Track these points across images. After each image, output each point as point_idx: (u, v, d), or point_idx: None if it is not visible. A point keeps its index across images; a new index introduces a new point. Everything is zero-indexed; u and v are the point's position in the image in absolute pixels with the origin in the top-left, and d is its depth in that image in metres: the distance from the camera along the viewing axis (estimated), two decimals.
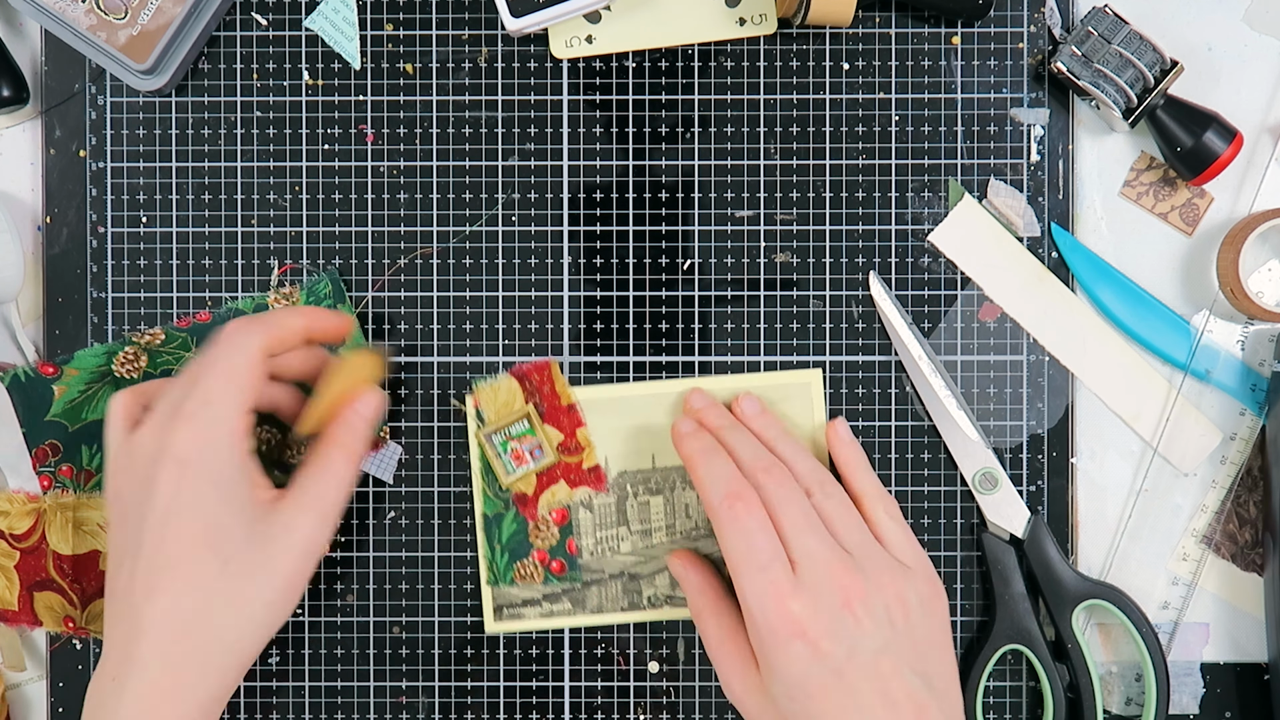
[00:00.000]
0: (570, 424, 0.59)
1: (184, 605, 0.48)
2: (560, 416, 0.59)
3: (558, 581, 0.59)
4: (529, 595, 0.59)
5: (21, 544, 0.59)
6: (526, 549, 0.59)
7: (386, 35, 0.60)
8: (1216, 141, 0.56)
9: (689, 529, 0.59)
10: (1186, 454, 0.60)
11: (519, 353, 0.60)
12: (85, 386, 0.59)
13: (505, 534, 0.59)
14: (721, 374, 0.59)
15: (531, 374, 0.59)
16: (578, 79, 0.60)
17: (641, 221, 0.60)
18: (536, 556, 0.59)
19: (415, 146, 0.60)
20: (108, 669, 0.49)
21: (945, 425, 0.59)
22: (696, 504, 0.59)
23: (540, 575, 0.59)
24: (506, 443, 0.58)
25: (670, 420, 0.59)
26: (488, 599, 0.59)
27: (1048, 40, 0.59)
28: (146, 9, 0.56)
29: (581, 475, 0.59)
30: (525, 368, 0.59)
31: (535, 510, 0.59)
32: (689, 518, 0.59)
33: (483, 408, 0.59)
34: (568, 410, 0.59)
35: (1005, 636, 0.59)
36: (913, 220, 0.60)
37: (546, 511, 0.59)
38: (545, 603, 0.59)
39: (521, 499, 0.59)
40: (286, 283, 0.60)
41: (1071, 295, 0.60)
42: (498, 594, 0.59)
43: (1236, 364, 0.60)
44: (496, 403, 0.59)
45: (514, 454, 0.58)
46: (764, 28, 0.59)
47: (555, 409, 0.59)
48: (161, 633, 0.48)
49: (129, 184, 0.60)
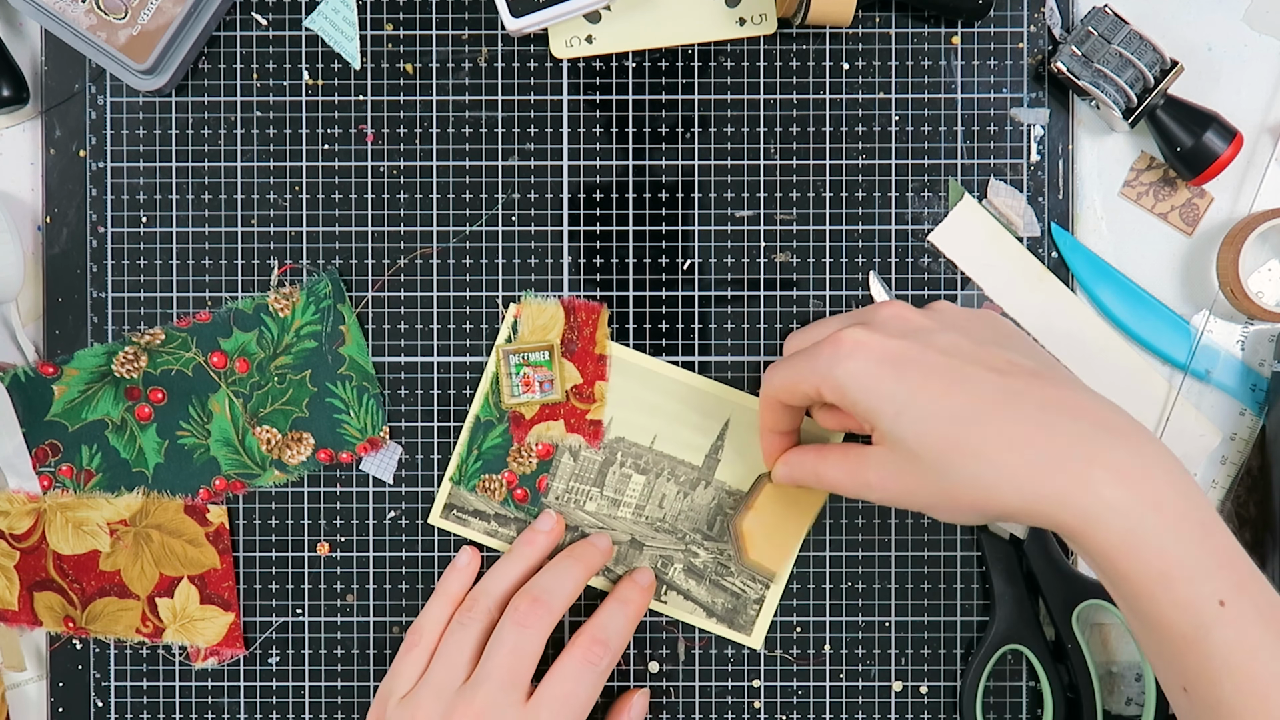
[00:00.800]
0: (594, 373, 0.59)
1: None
2: (588, 361, 0.59)
3: (515, 508, 0.59)
4: (482, 508, 0.59)
5: (21, 544, 0.59)
6: (501, 466, 0.59)
7: (386, 35, 0.60)
8: (1216, 141, 0.56)
9: (656, 518, 0.59)
10: (1186, 454, 0.60)
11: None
12: (85, 386, 0.59)
13: (487, 443, 0.59)
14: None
15: (580, 310, 0.59)
16: (578, 79, 0.60)
17: (641, 221, 0.60)
18: (506, 477, 0.59)
19: (415, 146, 0.60)
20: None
21: None
22: (674, 498, 0.59)
23: (501, 494, 0.59)
24: (521, 366, 0.58)
25: (686, 413, 0.59)
26: (443, 494, 0.59)
27: (1048, 40, 0.59)
28: (146, 9, 0.56)
29: (582, 424, 0.59)
30: (577, 302, 0.59)
31: (525, 435, 0.59)
32: (660, 508, 0.59)
33: (522, 321, 0.59)
34: (597, 359, 0.59)
35: (1005, 636, 0.59)
36: (913, 220, 0.60)
37: (535, 441, 0.59)
38: (494, 522, 0.59)
39: (517, 419, 0.59)
40: (286, 283, 0.60)
41: (1071, 295, 0.59)
42: (454, 493, 0.59)
43: (1236, 364, 0.60)
44: (535, 322, 0.59)
45: (524, 379, 0.59)
46: (764, 28, 0.59)
47: (587, 353, 0.59)
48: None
49: (129, 184, 0.60)
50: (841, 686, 0.60)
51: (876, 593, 0.60)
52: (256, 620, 0.60)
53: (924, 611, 0.60)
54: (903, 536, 0.60)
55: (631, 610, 0.57)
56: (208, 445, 0.59)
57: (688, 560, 0.59)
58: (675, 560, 0.59)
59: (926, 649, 0.60)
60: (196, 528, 0.59)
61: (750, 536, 0.59)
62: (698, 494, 0.59)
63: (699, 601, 0.59)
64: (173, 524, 0.59)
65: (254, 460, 0.59)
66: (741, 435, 0.59)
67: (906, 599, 0.60)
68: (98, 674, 0.60)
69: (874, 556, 0.60)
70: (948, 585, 0.60)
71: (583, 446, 0.59)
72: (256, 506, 0.60)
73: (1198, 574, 0.43)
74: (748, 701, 0.60)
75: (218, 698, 0.60)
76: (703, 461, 0.59)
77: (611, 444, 0.59)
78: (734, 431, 0.59)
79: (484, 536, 0.60)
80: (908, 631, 0.60)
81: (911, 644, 0.60)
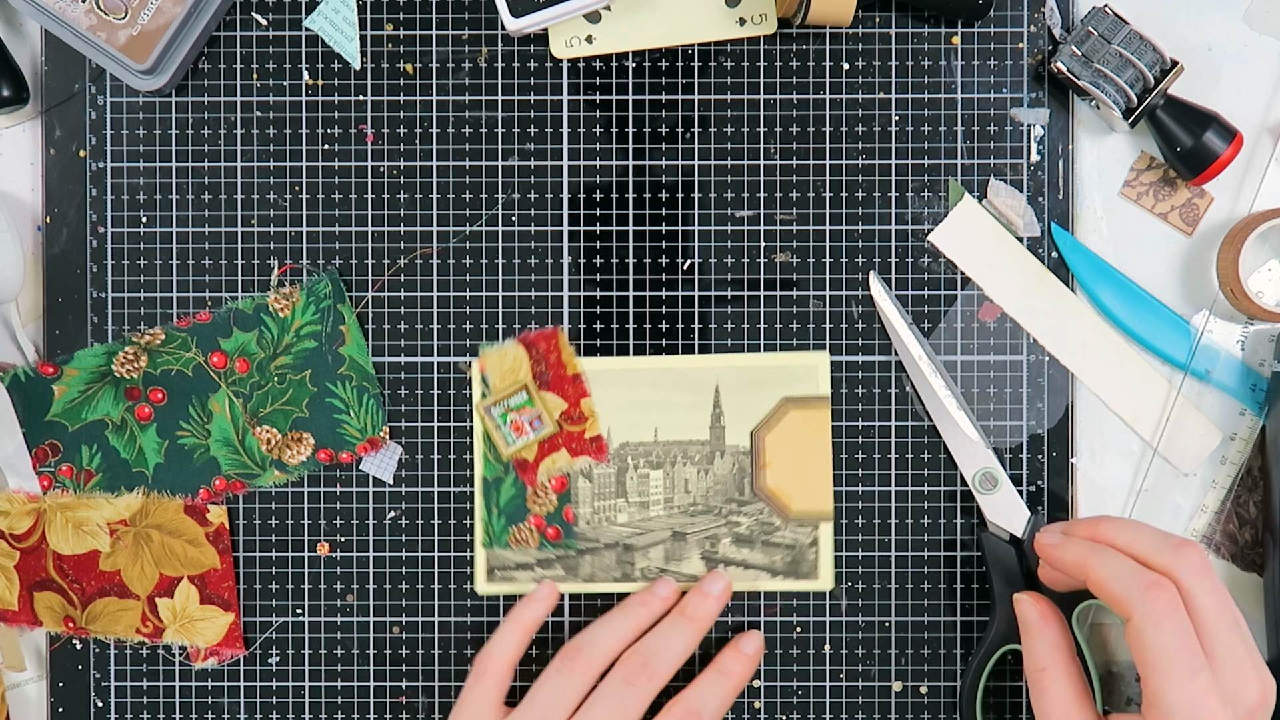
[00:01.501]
0: (575, 393, 0.59)
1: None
2: (565, 385, 0.59)
3: (552, 548, 0.59)
4: (522, 559, 0.59)
5: (21, 544, 0.59)
6: (523, 514, 0.59)
7: (386, 35, 0.60)
8: (1216, 141, 0.56)
9: (687, 504, 0.59)
10: (1186, 454, 0.60)
11: None
12: (85, 386, 0.59)
13: (503, 498, 0.59)
14: (731, 353, 0.59)
15: (538, 341, 0.59)
16: (578, 79, 0.60)
17: (641, 221, 0.60)
18: (533, 522, 0.59)
19: (415, 146, 0.60)
20: None
21: (945, 425, 0.59)
22: (696, 479, 0.59)
23: (535, 540, 0.59)
24: (506, 415, 0.58)
25: (676, 395, 0.59)
26: (480, 560, 0.59)
27: (1048, 40, 0.59)
28: (146, 9, 0.56)
29: (583, 444, 0.59)
30: (532, 335, 0.59)
31: (535, 476, 0.59)
32: (688, 493, 0.59)
33: (488, 373, 0.59)
34: (573, 379, 0.59)
35: (1005, 636, 0.58)
36: (913, 220, 0.60)
37: (546, 478, 0.59)
38: (539, 568, 0.59)
39: (522, 465, 0.59)
40: (286, 283, 0.60)
41: (1071, 295, 0.59)
42: (491, 556, 0.59)
43: (1236, 364, 0.60)
44: (502, 368, 0.59)
45: (514, 425, 0.59)
46: (764, 28, 0.59)
47: (561, 377, 0.59)
48: None
49: (129, 184, 0.60)
50: (841, 686, 0.60)
51: (876, 593, 0.60)
52: (256, 620, 0.60)
53: (924, 611, 0.60)
54: (903, 537, 0.60)
55: (732, 685, 0.56)
56: (208, 445, 0.59)
57: (732, 531, 0.59)
58: (721, 536, 0.59)
59: (926, 649, 0.60)
60: (196, 528, 0.59)
61: (781, 492, 0.59)
62: (717, 466, 0.59)
63: (758, 566, 0.59)
64: (173, 524, 0.59)
65: (254, 460, 0.59)
66: (733, 393, 0.59)
67: (906, 599, 0.60)
68: (98, 674, 0.60)
69: (874, 556, 0.60)
70: (948, 585, 0.60)
71: (593, 465, 0.59)
72: (256, 506, 0.60)
73: None
74: (748, 701, 0.60)
75: (218, 698, 0.60)
76: (709, 434, 0.59)
77: (618, 452, 0.59)
78: (726, 394, 0.59)
79: (535, 585, 0.59)
80: (908, 631, 0.60)
81: (911, 644, 0.60)
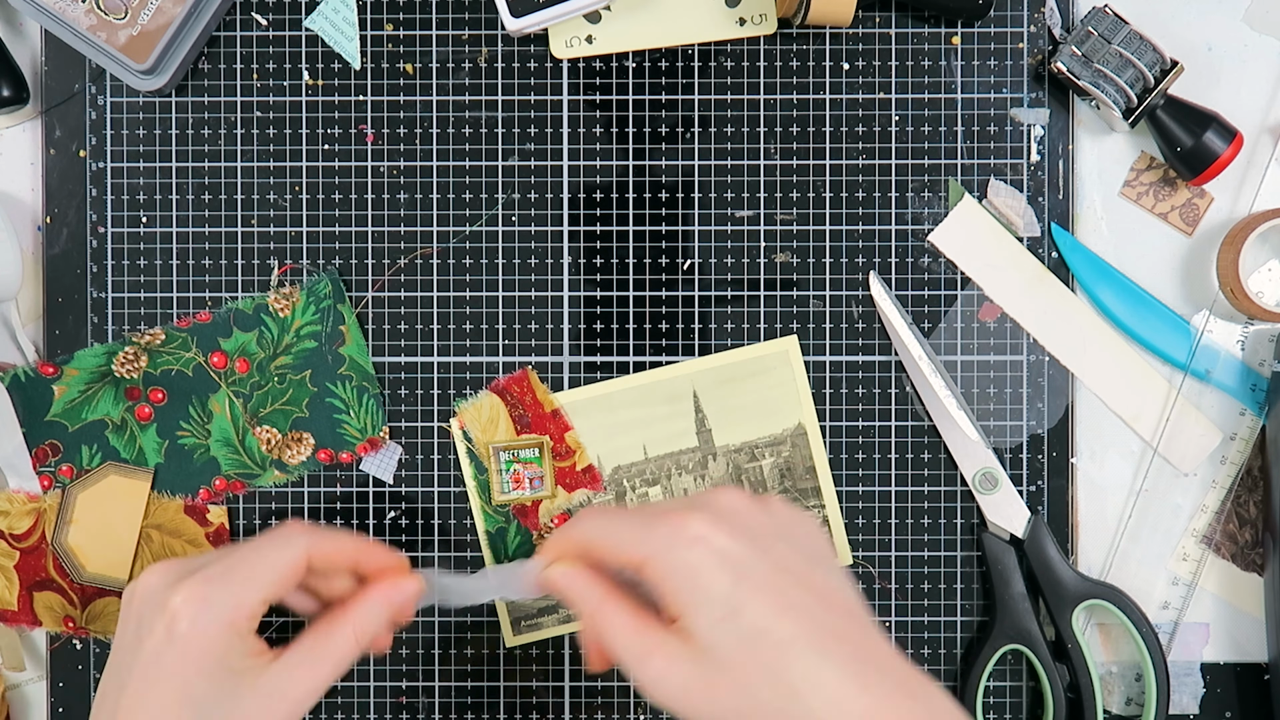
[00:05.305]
0: (557, 429, 0.59)
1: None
2: (546, 423, 0.59)
3: None
4: (544, 604, 0.59)
5: (21, 544, 0.59)
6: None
7: (386, 35, 0.60)
8: (1216, 141, 0.56)
9: None
10: (1186, 454, 0.60)
11: (519, 353, 0.60)
12: (85, 386, 0.59)
13: (511, 547, 0.59)
14: (702, 356, 0.59)
15: (510, 386, 0.59)
16: (578, 79, 0.60)
17: (641, 221, 0.60)
18: None
19: (415, 146, 0.60)
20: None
21: (945, 425, 0.59)
22: (695, 486, 0.59)
23: None
24: (511, 463, 0.58)
25: (656, 409, 0.59)
26: (504, 614, 0.59)
27: (1048, 40, 0.59)
28: (146, 9, 0.56)
29: (577, 478, 0.59)
30: (503, 382, 0.59)
31: (537, 520, 0.59)
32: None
33: (468, 427, 0.59)
34: (552, 416, 0.59)
35: (1005, 636, 0.59)
36: (913, 220, 0.60)
37: (548, 520, 0.59)
38: (562, 608, 0.59)
39: (521, 511, 0.59)
40: (286, 283, 0.60)
41: (1071, 295, 0.59)
42: (513, 608, 0.59)
43: (1236, 364, 0.60)
44: (481, 421, 0.59)
45: (514, 476, 0.58)
46: (764, 28, 0.59)
47: (540, 416, 0.59)
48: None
49: (129, 184, 0.60)
50: None
51: (876, 593, 0.60)
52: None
53: (924, 611, 0.60)
54: (903, 537, 0.60)
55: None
56: (208, 445, 0.59)
57: None
58: None
59: (926, 649, 0.60)
60: (196, 528, 0.59)
61: (79, 551, 0.58)
62: (712, 469, 0.59)
63: None
64: (173, 524, 0.59)
65: (254, 460, 0.59)
66: (711, 394, 0.59)
67: (906, 599, 0.60)
68: (98, 674, 0.60)
69: (874, 556, 0.60)
70: (948, 585, 0.60)
71: (591, 496, 0.59)
72: (256, 506, 0.60)
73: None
74: None
75: None
76: (697, 440, 0.59)
77: (613, 477, 0.59)
78: (704, 397, 0.59)
79: (563, 627, 0.59)
80: (908, 631, 0.60)
81: (911, 644, 0.60)
